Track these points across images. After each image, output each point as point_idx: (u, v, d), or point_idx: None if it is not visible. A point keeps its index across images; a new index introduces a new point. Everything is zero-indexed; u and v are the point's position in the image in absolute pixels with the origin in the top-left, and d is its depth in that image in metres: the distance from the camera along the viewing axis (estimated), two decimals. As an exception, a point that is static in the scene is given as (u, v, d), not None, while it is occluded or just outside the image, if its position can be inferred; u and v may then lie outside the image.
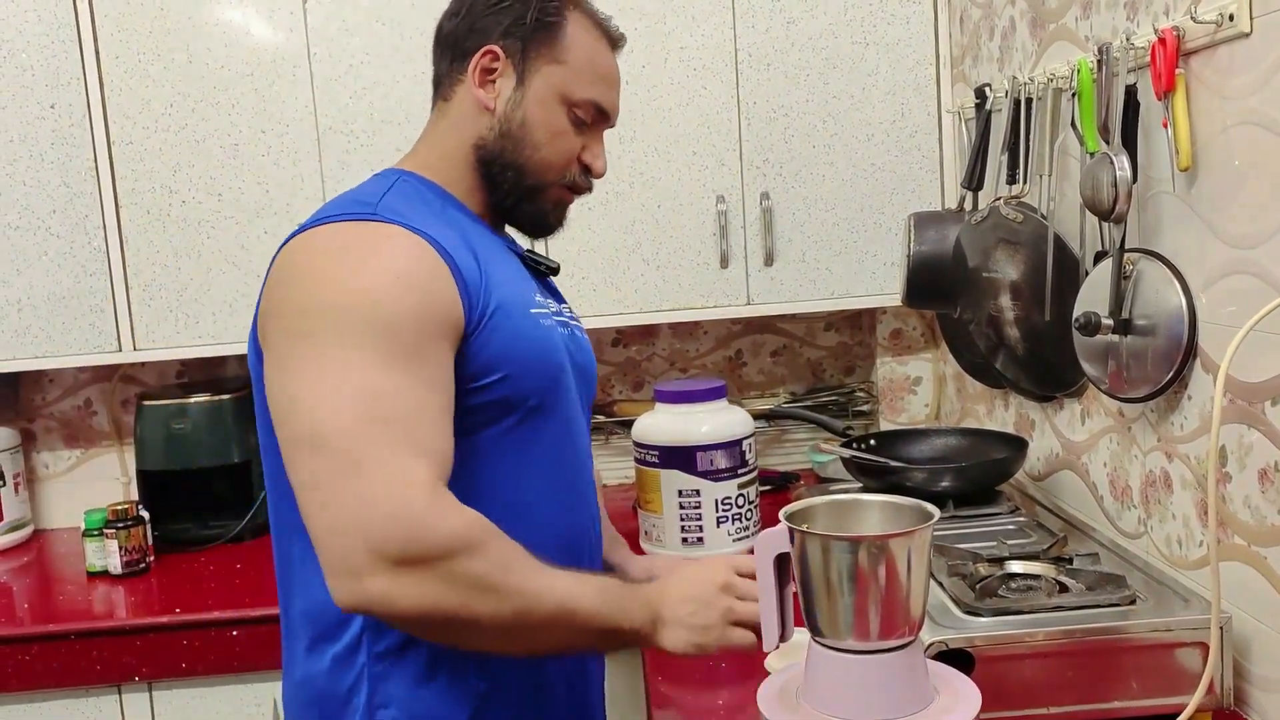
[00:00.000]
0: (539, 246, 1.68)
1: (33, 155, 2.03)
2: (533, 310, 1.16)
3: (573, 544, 1.21)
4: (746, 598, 1.09)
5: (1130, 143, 1.37)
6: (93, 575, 2.04)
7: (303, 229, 1.09)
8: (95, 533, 2.05)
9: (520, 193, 1.21)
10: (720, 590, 1.09)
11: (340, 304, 1.01)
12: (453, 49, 1.22)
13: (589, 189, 1.26)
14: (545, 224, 1.26)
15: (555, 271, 1.31)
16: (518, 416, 1.13)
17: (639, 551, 1.85)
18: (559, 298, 1.33)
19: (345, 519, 0.96)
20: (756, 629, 1.07)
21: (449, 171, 1.21)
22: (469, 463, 1.09)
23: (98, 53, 2.02)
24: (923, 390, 2.40)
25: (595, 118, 1.22)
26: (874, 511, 1.02)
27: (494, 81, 1.19)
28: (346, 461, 0.96)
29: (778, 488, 2.28)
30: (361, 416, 0.98)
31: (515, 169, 1.20)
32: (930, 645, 1.18)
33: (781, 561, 1.03)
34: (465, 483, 1.06)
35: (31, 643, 1.83)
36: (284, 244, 1.10)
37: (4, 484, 2.24)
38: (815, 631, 0.99)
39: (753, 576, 1.08)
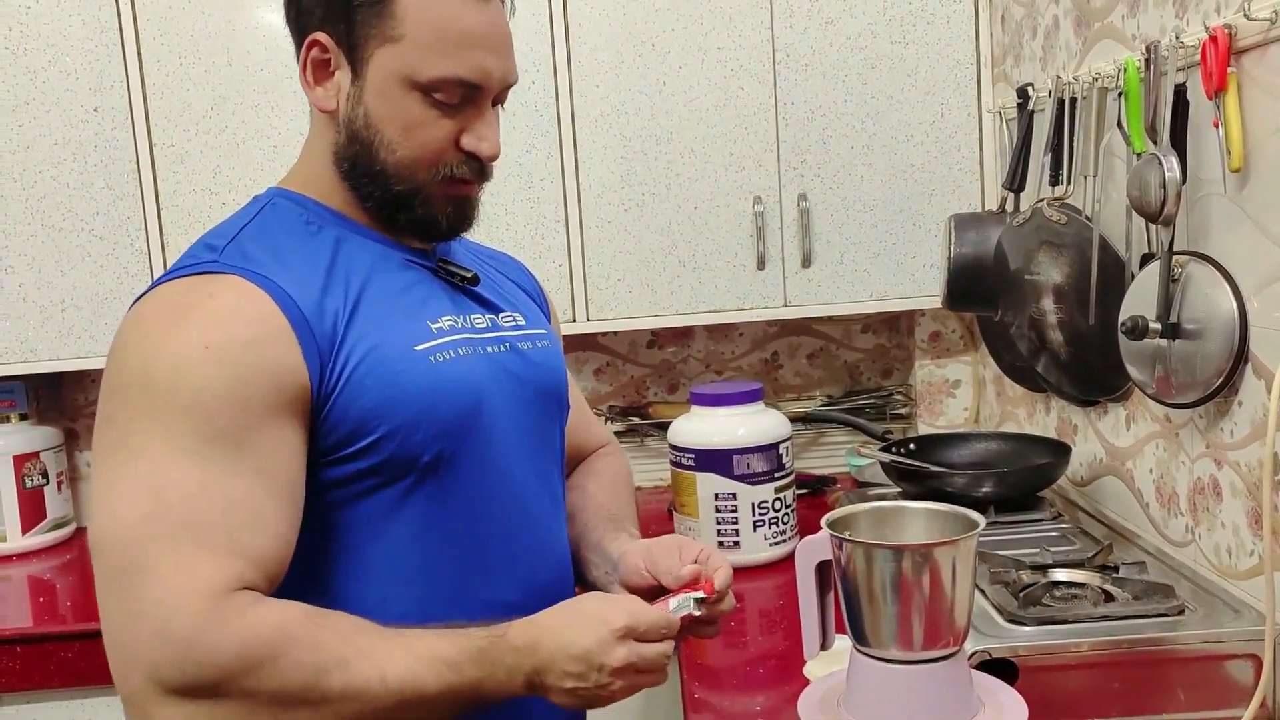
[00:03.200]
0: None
1: (76, 158, 2.05)
2: (421, 346, 1.00)
3: (524, 604, 1.00)
4: (648, 636, 0.92)
5: (1179, 143, 1.34)
6: (133, 573, 2.06)
7: (147, 289, 0.98)
8: (136, 531, 2.07)
9: (391, 202, 1.02)
10: (616, 639, 0.91)
11: (139, 383, 0.89)
12: (294, 40, 1.05)
13: (481, 178, 1.05)
14: (438, 229, 1.05)
15: (473, 282, 1.10)
16: (412, 478, 0.98)
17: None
18: (494, 307, 1.12)
19: (121, 640, 0.85)
20: (661, 666, 0.93)
21: (323, 183, 1.05)
22: (354, 540, 0.97)
23: (140, 56, 2.04)
24: (961, 393, 2.37)
25: (464, 95, 1.00)
26: (917, 519, 1.00)
27: (332, 76, 1.01)
28: (120, 572, 0.85)
29: (814, 491, 2.26)
30: (144, 518, 0.86)
31: (374, 177, 1.01)
32: (973, 654, 1.16)
33: (823, 569, 1.02)
34: (352, 564, 0.97)
35: (73, 640, 1.85)
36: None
37: (47, 482, 2.27)
38: (858, 640, 0.97)
39: (652, 635, 0.93)
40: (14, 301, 2.07)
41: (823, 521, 0.99)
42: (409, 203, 1.03)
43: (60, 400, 2.41)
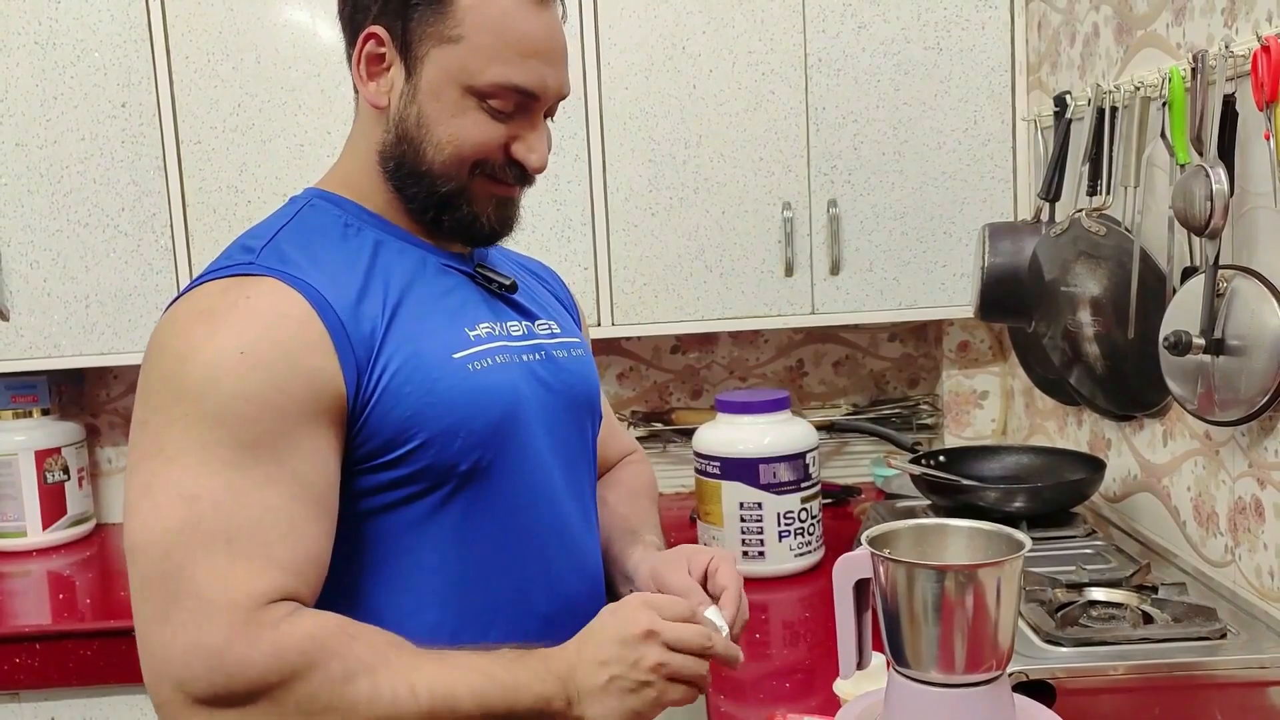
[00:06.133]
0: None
1: (103, 153, 2.04)
2: (459, 354, 0.98)
3: (556, 614, 1.03)
4: (678, 645, 0.90)
5: (1226, 155, 1.31)
6: (153, 572, 2.05)
7: (184, 290, 0.96)
8: (156, 529, 2.06)
9: (437, 203, 1.00)
10: (642, 640, 0.89)
11: (174, 388, 0.88)
12: (347, 34, 1.02)
13: (523, 183, 1.03)
14: (481, 231, 1.03)
15: (512, 289, 1.08)
16: (449, 487, 0.97)
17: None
18: (531, 315, 1.11)
19: (153, 649, 0.85)
20: (696, 681, 0.91)
21: (364, 184, 1.02)
22: (387, 549, 0.96)
23: (169, 53, 2.03)
24: (989, 404, 2.34)
25: (519, 102, 0.98)
26: (960, 538, 0.97)
27: (386, 72, 0.99)
28: (154, 580, 0.85)
29: (838, 501, 2.23)
30: (178, 527, 0.85)
31: (420, 177, 0.99)
32: (1010, 675, 1.13)
33: (860, 587, 0.99)
34: (392, 571, 0.96)
35: (93, 638, 1.84)
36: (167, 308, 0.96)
37: (68, 478, 2.26)
38: (898, 661, 0.95)
39: (680, 619, 0.92)
40: (39, 297, 2.06)
41: (863, 539, 0.96)
42: (454, 202, 1.01)
43: (83, 396, 2.40)
